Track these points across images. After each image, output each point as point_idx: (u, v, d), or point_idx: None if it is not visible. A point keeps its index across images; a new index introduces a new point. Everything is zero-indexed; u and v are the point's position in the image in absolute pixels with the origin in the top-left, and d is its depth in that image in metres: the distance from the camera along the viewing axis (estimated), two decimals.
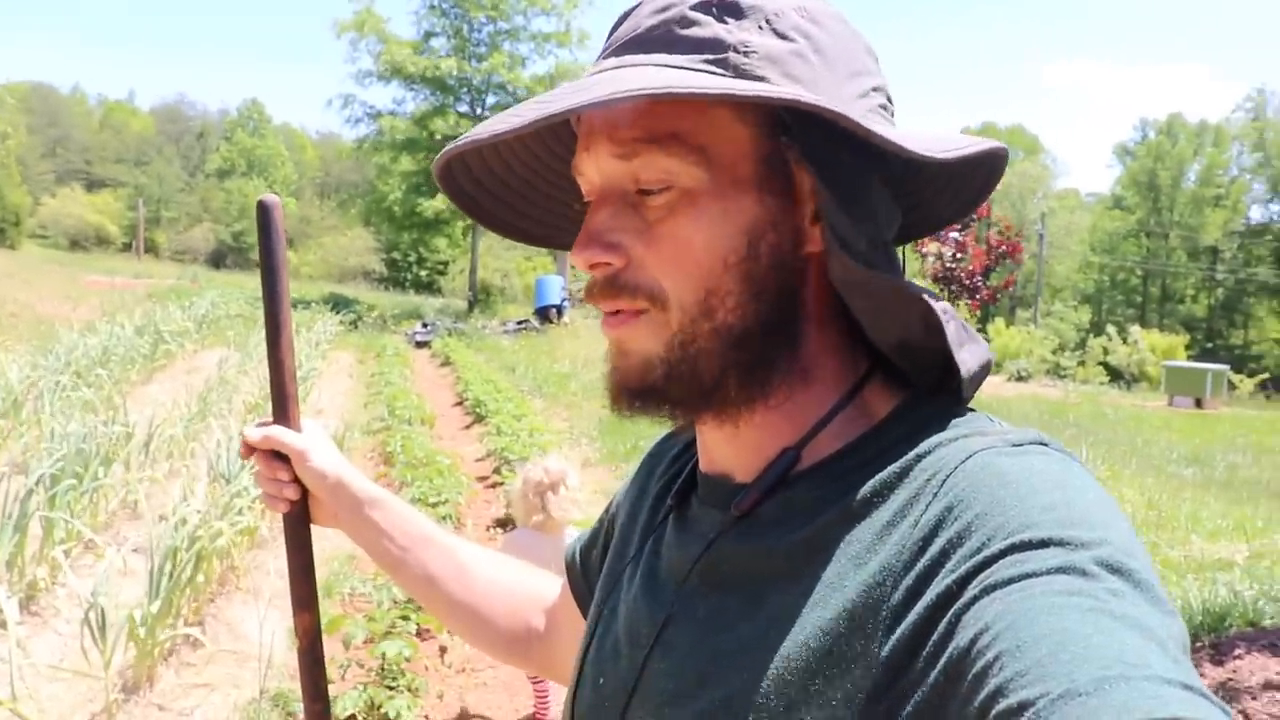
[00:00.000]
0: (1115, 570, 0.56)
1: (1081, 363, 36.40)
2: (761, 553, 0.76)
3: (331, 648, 4.80)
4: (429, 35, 31.81)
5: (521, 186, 0.89)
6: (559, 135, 0.87)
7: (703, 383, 0.76)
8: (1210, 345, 54.46)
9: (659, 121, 0.72)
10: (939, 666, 0.58)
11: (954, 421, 0.74)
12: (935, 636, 0.59)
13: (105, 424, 7.12)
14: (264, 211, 1.21)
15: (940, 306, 0.74)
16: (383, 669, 4.35)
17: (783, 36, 0.73)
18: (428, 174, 30.68)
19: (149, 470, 7.04)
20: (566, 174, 0.88)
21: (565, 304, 26.04)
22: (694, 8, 0.73)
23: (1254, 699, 4.29)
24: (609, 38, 0.79)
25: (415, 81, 31.06)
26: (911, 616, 0.62)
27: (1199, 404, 23.90)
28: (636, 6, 0.77)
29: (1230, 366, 30.70)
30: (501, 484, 8.02)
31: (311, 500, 1.21)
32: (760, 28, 0.73)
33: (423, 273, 56.77)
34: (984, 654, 0.54)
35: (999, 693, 0.51)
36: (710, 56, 0.72)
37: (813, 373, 0.78)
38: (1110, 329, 39.61)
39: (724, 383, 0.76)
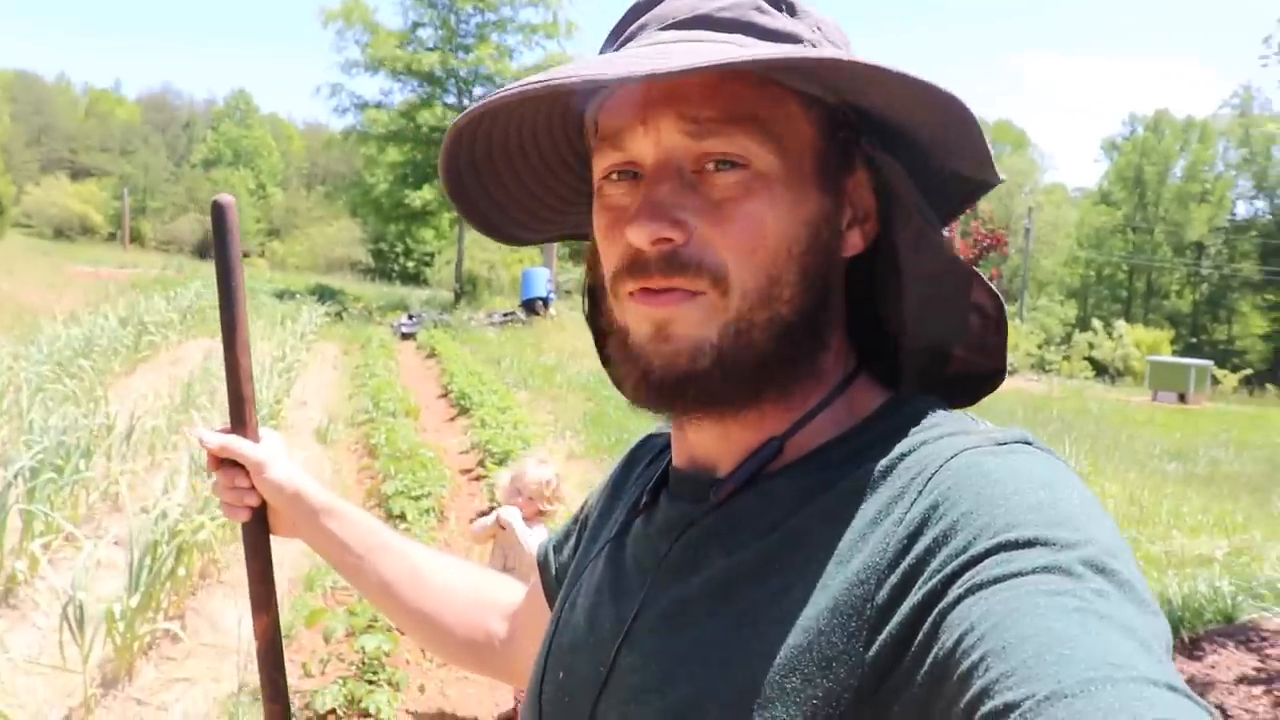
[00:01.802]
0: (1100, 570, 0.56)
1: (1067, 357, 36.58)
2: (734, 546, 0.75)
3: (312, 641, 4.79)
4: (416, 26, 31.66)
5: (505, 168, 0.87)
6: (564, 119, 0.85)
7: (743, 374, 0.74)
8: (1194, 340, 54.80)
9: (738, 103, 0.72)
10: (925, 667, 0.58)
11: (938, 419, 0.74)
12: (921, 636, 0.59)
13: (86, 416, 7.08)
14: (219, 212, 1.18)
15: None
16: (363, 663, 4.33)
17: (833, 43, 0.77)
18: (415, 165, 30.57)
19: (130, 463, 7.00)
20: (553, 160, 0.88)
21: (552, 296, 25.96)
22: None
23: (1230, 694, 4.32)
24: (639, 15, 0.78)
25: (401, 73, 30.92)
26: (897, 616, 0.62)
27: (1183, 399, 24.06)
28: None
29: (1214, 362, 30.90)
30: (486, 477, 8.01)
31: (269, 510, 1.21)
32: (815, 30, 0.76)
33: (409, 264, 56.54)
34: (969, 654, 0.54)
35: (985, 694, 0.51)
36: (795, 48, 0.73)
37: (825, 373, 0.79)
38: (1096, 324, 39.84)
39: (761, 375, 0.75)
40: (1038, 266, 58.17)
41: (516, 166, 0.88)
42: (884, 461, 0.71)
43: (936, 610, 0.59)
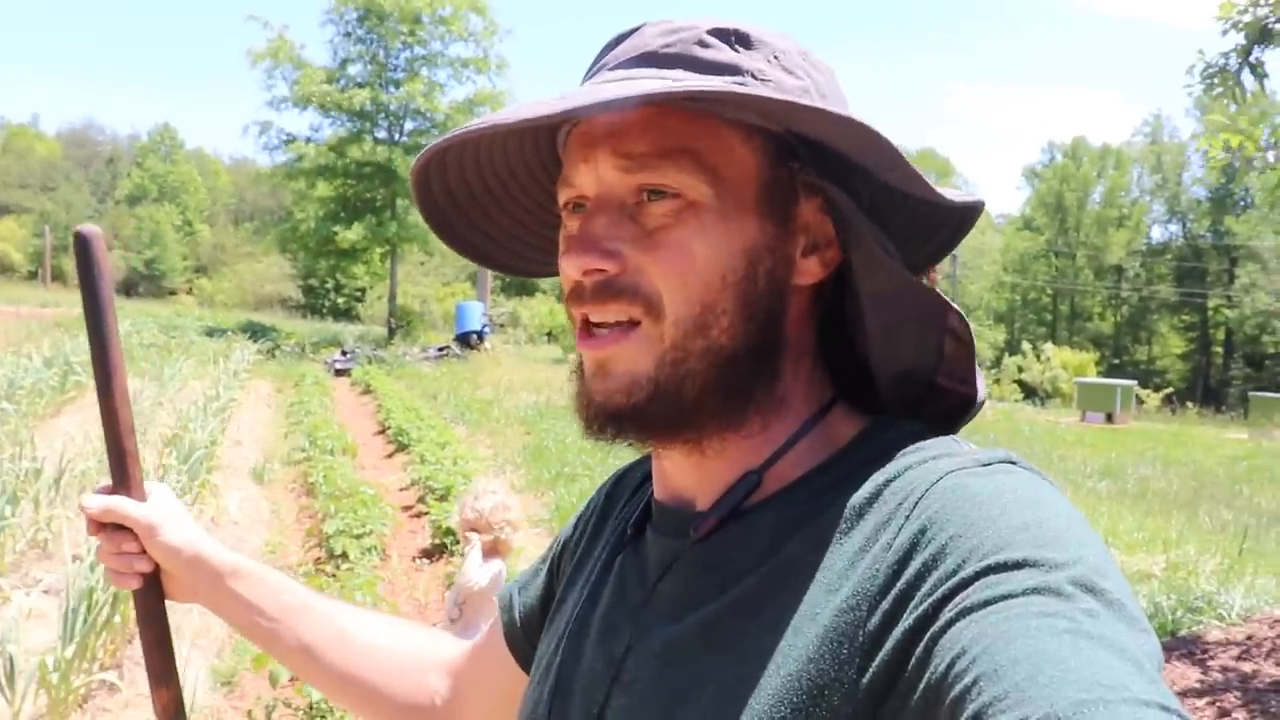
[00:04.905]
0: (1090, 589, 0.56)
1: (997, 380, 37.26)
2: (722, 580, 0.74)
3: (257, 686, 4.67)
4: (345, 62, 31.45)
5: (490, 203, 0.88)
6: (537, 151, 0.86)
7: (684, 405, 0.74)
8: (1117, 361, 56.22)
9: (671, 136, 0.72)
10: (918, 692, 0.57)
11: (921, 443, 0.74)
12: (913, 661, 0.59)
13: (12, 460, 6.85)
14: (83, 245, 1.04)
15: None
16: (310, 708, 4.23)
17: (790, 73, 0.75)
18: (344, 201, 30.32)
19: (60, 508, 6.77)
20: (537, 194, 0.88)
21: (486, 330, 25.91)
22: (710, 33, 0.75)
23: None
24: (603, 56, 0.78)
25: (331, 109, 30.64)
26: (890, 641, 0.61)
27: (1110, 419, 24.63)
28: (638, 29, 0.78)
29: (1137, 382, 31.69)
30: (427, 513, 7.90)
31: (164, 574, 1.12)
32: (770, 61, 0.75)
33: (340, 299, 55.92)
34: (962, 678, 0.53)
35: (978, 717, 0.51)
36: (728, 79, 0.73)
37: (788, 403, 0.78)
38: (1025, 346, 40.68)
39: (704, 405, 0.75)
40: (965, 292, 59.29)
41: (503, 202, 0.88)
42: (869, 488, 0.71)
43: (928, 634, 0.59)
